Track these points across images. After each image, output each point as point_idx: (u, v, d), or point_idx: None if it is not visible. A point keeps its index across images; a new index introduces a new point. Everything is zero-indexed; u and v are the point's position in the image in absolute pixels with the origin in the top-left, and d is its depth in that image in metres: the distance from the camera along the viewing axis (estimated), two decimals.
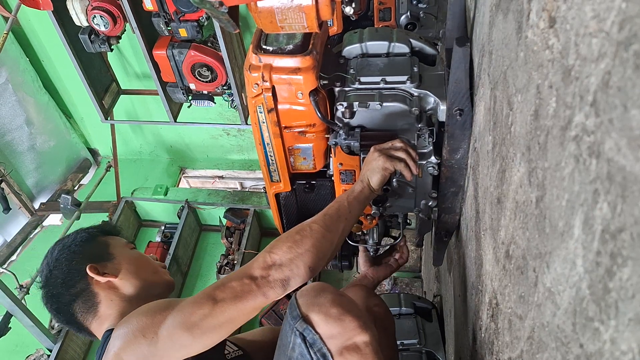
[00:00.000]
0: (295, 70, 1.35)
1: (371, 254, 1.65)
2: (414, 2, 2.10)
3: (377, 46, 1.47)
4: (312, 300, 0.98)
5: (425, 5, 2.10)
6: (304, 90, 1.36)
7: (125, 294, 1.22)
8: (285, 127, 1.47)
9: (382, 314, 1.31)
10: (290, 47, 1.37)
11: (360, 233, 1.69)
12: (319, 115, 1.38)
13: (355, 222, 1.24)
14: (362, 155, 1.43)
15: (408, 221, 1.71)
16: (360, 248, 1.59)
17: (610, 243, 0.44)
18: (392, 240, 1.67)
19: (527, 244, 0.72)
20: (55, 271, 1.22)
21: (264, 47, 1.38)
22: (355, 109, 1.37)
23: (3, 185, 3.82)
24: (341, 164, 1.48)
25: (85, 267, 1.20)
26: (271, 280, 1.02)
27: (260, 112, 1.42)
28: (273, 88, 1.36)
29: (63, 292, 1.21)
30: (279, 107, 1.41)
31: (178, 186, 4.94)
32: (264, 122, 1.44)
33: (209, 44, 3.05)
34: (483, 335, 1.09)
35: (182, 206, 4.02)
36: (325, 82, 1.38)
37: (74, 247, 1.25)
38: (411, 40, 1.47)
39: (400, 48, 1.46)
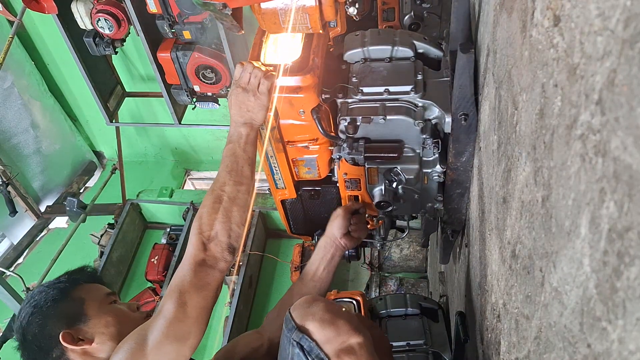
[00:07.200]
0: (296, 89, 1.34)
1: (378, 248, 1.64)
2: (418, 2, 2.10)
3: (380, 51, 1.43)
4: (306, 311, 1.01)
5: (428, 5, 2.10)
6: (306, 108, 1.35)
7: (102, 358, 1.15)
8: (289, 142, 1.46)
9: (375, 337, 1.28)
10: (290, 64, 1.36)
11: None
12: (322, 131, 1.37)
13: (255, 158, 1.27)
14: (366, 166, 1.42)
15: (413, 214, 1.71)
16: (341, 211, 1.49)
17: (617, 242, 0.44)
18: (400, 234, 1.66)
19: (533, 244, 0.71)
20: (28, 337, 1.16)
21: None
22: (358, 123, 1.34)
23: (9, 188, 3.84)
24: (346, 173, 1.48)
25: (59, 332, 1.13)
26: (217, 254, 1.13)
27: (262, 129, 1.42)
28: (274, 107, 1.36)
29: (40, 359, 1.16)
30: (281, 122, 1.41)
31: (183, 188, 4.95)
32: (266, 138, 1.44)
33: (212, 46, 3.06)
34: (490, 335, 1.09)
35: (188, 208, 4.03)
36: (327, 95, 1.37)
37: (46, 310, 1.16)
38: (415, 42, 1.44)
39: (404, 52, 1.42)
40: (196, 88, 3.18)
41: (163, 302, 1.08)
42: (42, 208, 4.49)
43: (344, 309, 1.05)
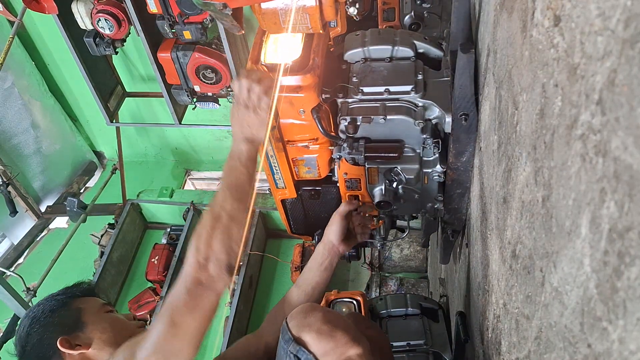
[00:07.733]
0: (297, 89, 1.34)
1: (378, 248, 1.64)
2: (418, 2, 2.10)
3: (380, 51, 1.43)
4: (303, 322, 0.99)
5: (429, 5, 2.10)
6: (306, 107, 1.35)
7: None
8: (289, 142, 1.46)
9: (375, 335, 1.27)
10: (291, 64, 1.35)
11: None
12: (322, 131, 1.37)
13: (255, 174, 1.25)
14: (366, 166, 1.42)
15: (414, 214, 1.71)
16: (337, 217, 1.48)
17: (618, 242, 0.44)
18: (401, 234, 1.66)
19: (533, 244, 0.71)
20: (27, 347, 1.19)
21: (263, 65, 1.37)
22: (358, 123, 1.34)
23: (10, 188, 3.84)
24: (346, 173, 1.48)
25: (56, 340, 1.16)
26: (214, 274, 1.09)
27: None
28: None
29: None
30: (281, 121, 1.40)
31: (183, 188, 4.95)
32: (266, 138, 1.44)
33: (213, 46, 3.06)
34: (490, 335, 1.09)
35: (188, 208, 4.02)
36: (327, 95, 1.37)
37: (44, 320, 1.21)
38: (415, 42, 1.44)
39: (404, 52, 1.42)
40: (196, 88, 3.18)
41: (155, 320, 1.07)
42: (43, 208, 4.49)
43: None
